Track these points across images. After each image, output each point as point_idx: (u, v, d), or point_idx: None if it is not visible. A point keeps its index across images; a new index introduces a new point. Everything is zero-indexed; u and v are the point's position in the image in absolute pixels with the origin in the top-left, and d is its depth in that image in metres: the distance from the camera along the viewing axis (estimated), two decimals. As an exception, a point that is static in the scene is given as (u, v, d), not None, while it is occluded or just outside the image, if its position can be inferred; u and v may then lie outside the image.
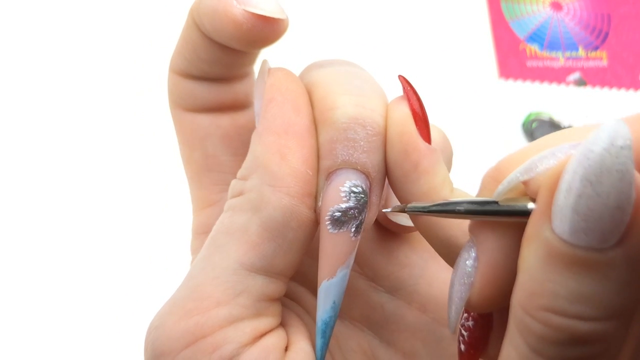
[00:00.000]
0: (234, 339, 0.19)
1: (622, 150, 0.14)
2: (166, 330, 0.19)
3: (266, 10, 0.20)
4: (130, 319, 0.40)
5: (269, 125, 0.20)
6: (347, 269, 0.20)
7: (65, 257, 0.46)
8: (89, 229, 0.47)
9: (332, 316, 0.21)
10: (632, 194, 0.14)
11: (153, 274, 0.44)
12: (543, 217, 0.16)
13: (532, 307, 0.16)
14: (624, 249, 0.15)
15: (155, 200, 0.48)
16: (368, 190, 0.20)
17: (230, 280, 0.20)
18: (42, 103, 0.52)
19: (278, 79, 0.21)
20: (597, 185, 0.14)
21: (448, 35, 0.60)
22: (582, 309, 0.15)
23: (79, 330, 0.43)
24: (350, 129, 0.19)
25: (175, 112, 0.24)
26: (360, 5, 0.61)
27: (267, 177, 0.19)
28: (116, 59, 0.54)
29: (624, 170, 0.14)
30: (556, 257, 0.15)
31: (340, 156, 0.20)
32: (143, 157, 0.50)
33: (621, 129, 0.14)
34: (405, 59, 0.58)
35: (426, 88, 0.57)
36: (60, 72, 0.54)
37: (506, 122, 0.56)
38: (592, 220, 0.15)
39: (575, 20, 0.62)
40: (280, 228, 0.20)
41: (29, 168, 0.49)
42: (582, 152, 0.15)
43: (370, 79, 0.21)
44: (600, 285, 0.15)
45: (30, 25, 0.55)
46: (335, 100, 0.20)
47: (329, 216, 0.20)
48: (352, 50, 0.58)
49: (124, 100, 0.53)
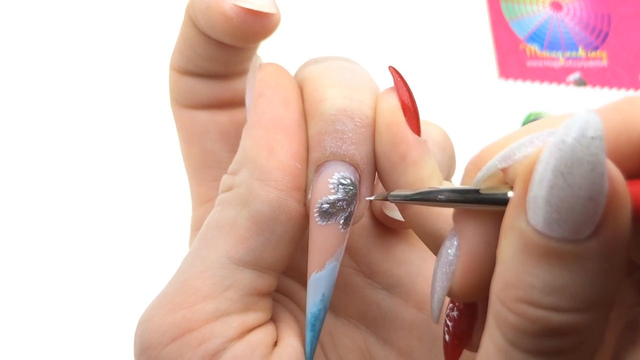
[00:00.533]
0: (220, 334, 0.19)
1: (593, 141, 0.14)
2: (154, 324, 0.20)
3: (255, 5, 0.20)
4: (130, 319, 0.40)
5: (258, 120, 0.20)
6: (336, 262, 0.20)
7: (64, 257, 0.46)
8: (88, 229, 0.47)
9: (322, 309, 0.21)
10: (603, 185, 0.14)
11: (153, 274, 0.44)
12: (518, 207, 0.16)
13: (508, 299, 0.16)
14: (597, 240, 0.15)
15: (155, 200, 0.48)
16: (357, 182, 0.20)
17: (217, 274, 0.20)
18: (41, 103, 0.52)
19: (268, 74, 0.21)
20: (569, 176, 0.14)
21: (448, 35, 0.60)
22: (557, 300, 0.15)
23: (78, 329, 0.43)
24: (338, 120, 0.19)
25: (175, 109, 0.24)
26: (360, 5, 0.61)
27: (256, 171, 0.19)
28: (116, 58, 0.54)
29: (595, 162, 0.14)
30: (531, 248, 0.15)
31: (328, 148, 0.20)
32: (143, 156, 0.50)
33: (592, 119, 0.14)
34: (405, 59, 0.58)
35: (426, 88, 0.57)
36: (60, 73, 0.53)
37: (506, 122, 0.56)
38: (565, 212, 0.15)
39: (575, 21, 0.62)
40: (269, 222, 0.20)
41: (28, 169, 0.49)
42: (554, 143, 0.15)
43: (363, 73, 0.21)
44: (574, 276, 0.15)
45: (29, 26, 0.55)
46: (324, 93, 0.20)
47: (317, 208, 0.20)
48: (351, 50, 0.58)
49: (123, 100, 0.53)
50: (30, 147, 0.50)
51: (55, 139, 0.51)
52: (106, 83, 0.53)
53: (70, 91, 0.53)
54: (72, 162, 0.50)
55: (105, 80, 0.53)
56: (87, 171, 0.49)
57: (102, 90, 0.53)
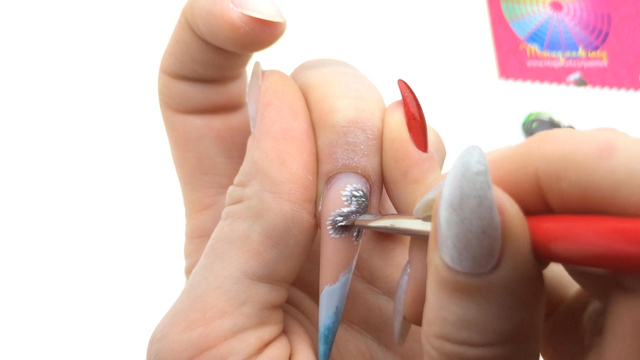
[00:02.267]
0: (239, 351, 0.19)
1: (477, 176, 0.14)
2: (169, 342, 0.19)
3: (264, 14, 0.20)
4: (129, 325, 0.40)
5: (267, 130, 0.20)
6: (349, 274, 0.20)
7: (64, 257, 0.46)
8: (87, 232, 0.47)
9: (335, 322, 0.20)
10: (494, 219, 0.14)
11: (152, 278, 0.44)
12: (433, 243, 0.16)
13: (429, 334, 0.16)
14: (499, 273, 0.15)
15: (154, 202, 0.48)
16: (369, 193, 0.20)
17: (232, 290, 0.19)
18: (40, 103, 0.52)
19: (274, 83, 0.20)
20: (460, 211, 0.15)
21: (448, 35, 0.60)
22: (469, 334, 0.15)
23: (77, 329, 0.43)
24: (350, 132, 0.19)
25: (166, 114, 0.24)
26: (359, 5, 0.61)
27: (267, 184, 0.19)
28: (115, 58, 0.54)
29: (482, 196, 0.14)
30: (444, 283, 0.15)
31: (340, 160, 0.19)
32: (143, 156, 0.50)
33: (475, 155, 0.15)
34: (405, 59, 0.58)
35: (426, 88, 0.57)
36: (60, 73, 0.53)
37: (506, 122, 0.56)
38: (463, 247, 0.15)
39: (575, 21, 0.62)
40: (282, 235, 0.19)
41: (26, 170, 0.49)
42: (447, 180, 0.15)
43: (366, 81, 0.21)
44: (482, 310, 0.15)
45: (27, 26, 0.55)
46: (334, 104, 0.20)
47: (331, 221, 0.19)
48: (351, 51, 0.58)
49: (123, 100, 0.52)
50: (28, 148, 0.50)
51: (56, 139, 0.51)
52: (105, 83, 0.53)
53: (70, 91, 0.53)
54: (72, 162, 0.50)
55: (104, 80, 0.53)
56: (88, 171, 0.49)
57: (101, 90, 0.53)
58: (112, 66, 0.54)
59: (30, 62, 0.54)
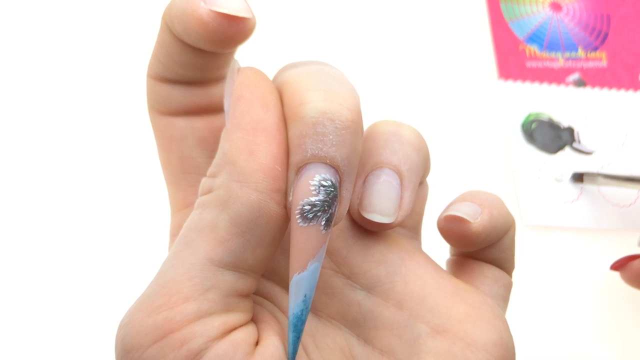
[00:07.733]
0: (202, 333, 0.19)
1: None
2: (135, 327, 0.20)
3: (231, 9, 0.20)
4: (109, 323, 0.40)
5: (237, 122, 0.20)
6: (318, 263, 0.20)
7: (63, 258, 0.46)
8: (85, 232, 0.47)
9: (304, 310, 0.21)
10: None
11: (133, 278, 0.44)
12: None
13: None
14: None
15: (135, 206, 0.48)
16: (338, 184, 0.20)
17: (198, 276, 0.20)
18: (37, 104, 0.52)
19: (247, 77, 0.21)
20: None
21: (448, 36, 0.60)
22: None
23: (76, 329, 0.43)
24: (319, 123, 0.19)
25: (152, 116, 0.25)
26: (359, 5, 0.61)
27: (235, 173, 0.20)
28: (107, 64, 0.54)
29: None
30: None
31: (309, 150, 0.20)
32: (142, 156, 0.50)
33: None
34: (404, 60, 0.58)
35: (426, 88, 0.57)
36: (60, 73, 0.54)
37: (506, 123, 0.56)
38: None
39: (574, 21, 0.62)
40: (249, 224, 0.20)
41: (23, 170, 0.49)
42: None
43: (341, 76, 0.21)
44: None
45: (24, 26, 0.55)
46: (304, 96, 0.20)
47: (299, 210, 0.20)
48: (351, 51, 0.58)
49: (123, 100, 0.52)
50: (26, 149, 0.50)
51: (55, 139, 0.51)
52: (105, 83, 0.53)
53: (68, 92, 0.53)
54: (72, 162, 0.50)
55: (103, 80, 0.53)
56: (87, 172, 0.49)
57: (100, 90, 0.53)
58: (105, 71, 0.54)
59: (23, 63, 0.54)
